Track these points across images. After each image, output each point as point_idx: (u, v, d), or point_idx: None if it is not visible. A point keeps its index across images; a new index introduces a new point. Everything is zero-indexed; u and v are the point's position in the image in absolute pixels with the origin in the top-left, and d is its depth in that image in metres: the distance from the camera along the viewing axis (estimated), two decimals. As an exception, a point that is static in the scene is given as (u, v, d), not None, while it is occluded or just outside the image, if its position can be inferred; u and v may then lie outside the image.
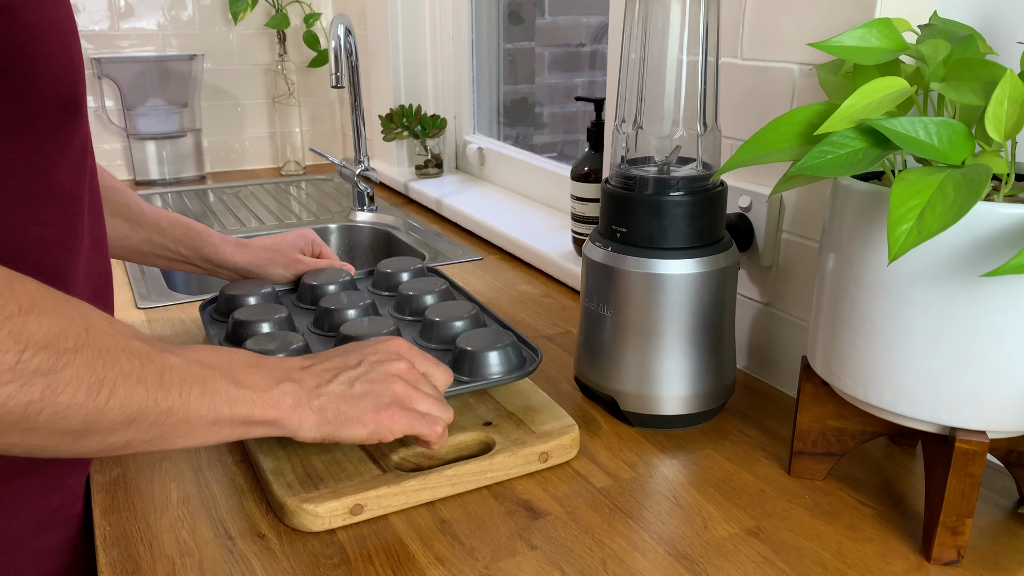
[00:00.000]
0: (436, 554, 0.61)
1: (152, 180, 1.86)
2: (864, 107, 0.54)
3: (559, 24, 1.79)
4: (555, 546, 0.62)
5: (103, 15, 1.81)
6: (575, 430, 0.74)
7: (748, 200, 0.86)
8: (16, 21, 0.52)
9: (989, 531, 0.64)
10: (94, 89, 1.83)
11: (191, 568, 0.60)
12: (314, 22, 1.99)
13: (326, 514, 0.63)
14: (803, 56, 0.78)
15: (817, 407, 0.68)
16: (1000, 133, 0.52)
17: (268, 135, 2.06)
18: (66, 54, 0.57)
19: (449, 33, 1.74)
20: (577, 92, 1.84)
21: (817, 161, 0.54)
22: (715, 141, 0.77)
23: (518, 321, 1.06)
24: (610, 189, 0.77)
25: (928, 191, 0.49)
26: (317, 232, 1.55)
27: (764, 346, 0.89)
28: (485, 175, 1.71)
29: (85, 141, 0.63)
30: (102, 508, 0.66)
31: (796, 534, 0.63)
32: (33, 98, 0.55)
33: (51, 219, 0.59)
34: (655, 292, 0.74)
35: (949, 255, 0.53)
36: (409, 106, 1.72)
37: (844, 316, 0.61)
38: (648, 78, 0.76)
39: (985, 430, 0.57)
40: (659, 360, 0.76)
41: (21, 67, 0.53)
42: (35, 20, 0.53)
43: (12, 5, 0.51)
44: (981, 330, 0.54)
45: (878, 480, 0.71)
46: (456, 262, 1.31)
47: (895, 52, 0.58)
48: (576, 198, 1.19)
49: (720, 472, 0.72)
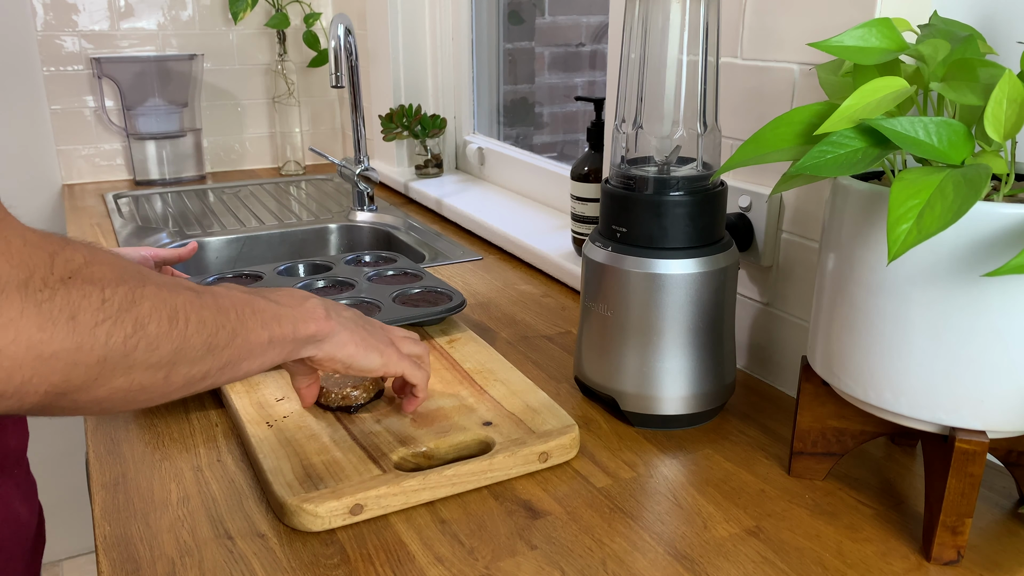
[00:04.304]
0: (436, 554, 0.61)
1: (152, 180, 1.86)
2: (864, 107, 0.54)
3: (559, 24, 1.79)
4: (555, 546, 0.62)
5: (103, 15, 1.81)
6: (575, 430, 0.74)
7: (748, 200, 0.86)
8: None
9: (989, 531, 0.64)
10: (94, 89, 1.83)
11: (191, 568, 0.60)
12: (314, 22, 1.99)
13: (326, 514, 0.63)
14: (803, 56, 0.78)
15: (817, 407, 0.68)
16: (999, 133, 0.52)
17: (268, 135, 2.05)
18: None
19: (449, 33, 1.74)
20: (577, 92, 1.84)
21: (817, 161, 0.54)
22: (715, 141, 0.77)
23: (518, 321, 1.06)
24: (610, 189, 0.77)
25: (928, 191, 0.49)
26: (317, 232, 1.55)
27: (764, 346, 0.89)
28: (485, 175, 1.71)
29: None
30: (102, 508, 0.66)
31: (796, 534, 0.63)
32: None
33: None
34: (655, 292, 0.74)
35: (949, 255, 0.53)
36: (409, 106, 1.72)
37: (844, 316, 0.61)
38: (648, 78, 0.76)
39: (985, 430, 0.57)
40: (659, 360, 0.76)
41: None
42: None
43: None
44: (981, 330, 0.54)
45: (878, 480, 0.71)
46: (456, 262, 1.31)
47: (895, 52, 0.58)
48: (576, 198, 1.19)
49: (720, 472, 0.72)
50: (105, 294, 0.44)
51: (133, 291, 0.45)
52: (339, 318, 0.64)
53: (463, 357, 0.88)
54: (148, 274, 0.48)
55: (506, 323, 1.05)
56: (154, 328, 0.46)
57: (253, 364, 0.56)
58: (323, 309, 0.62)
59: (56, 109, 1.82)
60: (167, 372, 0.48)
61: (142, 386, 0.47)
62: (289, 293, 0.62)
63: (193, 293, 0.50)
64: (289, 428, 0.74)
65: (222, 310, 0.52)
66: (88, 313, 0.42)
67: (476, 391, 0.80)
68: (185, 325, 0.48)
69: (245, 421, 0.75)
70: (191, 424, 0.79)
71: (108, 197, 1.72)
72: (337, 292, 1.02)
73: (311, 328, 0.60)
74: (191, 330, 0.49)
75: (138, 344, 0.45)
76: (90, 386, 0.44)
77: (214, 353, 0.51)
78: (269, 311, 0.57)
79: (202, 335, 0.50)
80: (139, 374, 0.46)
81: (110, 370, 0.44)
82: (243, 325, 0.54)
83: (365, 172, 1.56)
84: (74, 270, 0.43)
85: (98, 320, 0.43)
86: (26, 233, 0.42)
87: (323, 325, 0.62)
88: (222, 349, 0.52)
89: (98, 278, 0.44)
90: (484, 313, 1.09)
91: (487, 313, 1.09)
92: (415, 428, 0.74)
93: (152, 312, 0.46)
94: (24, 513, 0.69)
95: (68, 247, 0.44)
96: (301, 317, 0.60)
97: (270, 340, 0.56)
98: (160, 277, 0.49)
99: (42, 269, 0.41)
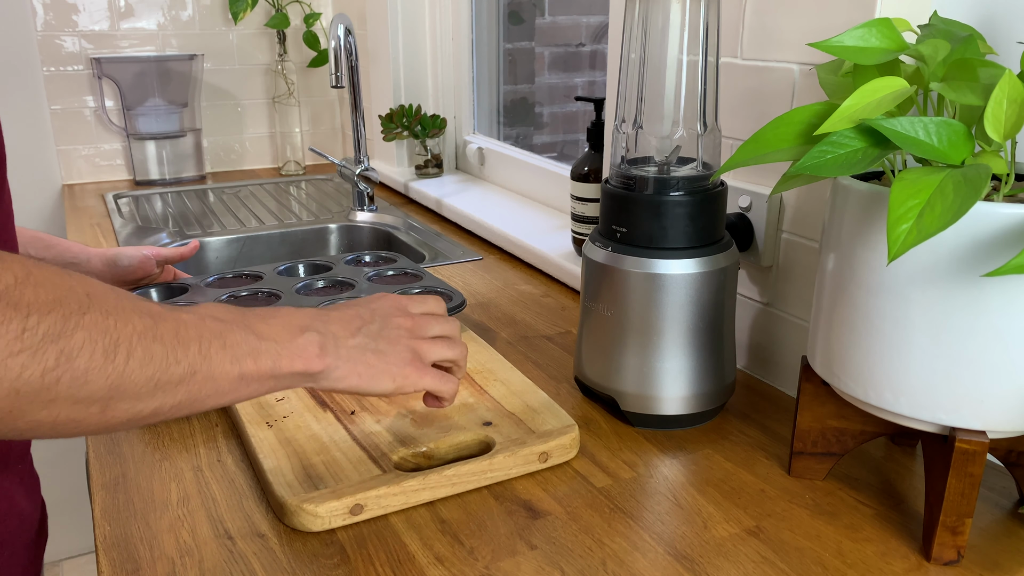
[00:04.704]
0: (436, 554, 0.61)
1: (152, 180, 1.86)
2: (864, 107, 0.54)
3: (559, 24, 1.79)
4: (555, 546, 0.62)
5: (103, 15, 1.81)
6: (575, 430, 0.74)
7: (748, 200, 0.86)
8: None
9: (989, 531, 0.64)
10: (94, 89, 1.83)
11: (191, 568, 0.60)
12: (314, 22, 1.99)
13: (326, 514, 0.63)
14: (803, 56, 0.78)
15: (817, 407, 0.68)
16: (999, 133, 0.52)
17: (268, 135, 2.06)
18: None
19: (449, 33, 1.74)
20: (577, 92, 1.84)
21: (817, 161, 0.54)
22: (715, 141, 0.77)
23: (518, 321, 1.06)
24: (610, 189, 0.77)
25: (928, 191, 0.49)
26: (317, 232, 1.55)
27: (764, 346, 0.89)
28: (485, 175, 1.71)
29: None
30: (102, 508, 0.66)
31: (796, 534, 0.63)
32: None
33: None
34: (655, 292, 0.74)
35: (949, 255, 0.53)
36: (409, 106, 1.72)
37: (844, 316, 0.61)
38: (648, 78, 0.76)
39: (985, 430, 0.57)
40: (659, 360, 0.76)
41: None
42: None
43: None
44: (981, 330, 0.54)
45: (878, 480, 0.71)
46: (456, 262, 1.31)
47: (895, 52, 0.58)
48: (576, 198, 1.19)
49: (720, 472, 0.72)
50: (28, 322, 0.40)
51: (66, 320, 0.41)
52: (337, 353, 0.57)
53: (463, 357, 0.88)
54: (99, 298, 0.44)
55: (506, 323, 1.05)
56: (83, 362, 0.42)
57: (222, 399, 0.51)
58: (317, 345, 0.55)
59: (56, 109, 1.82)
60: (102, 407, 0.44)
61: (71, 419, 0.43)
62: (284, 322, 0.55)
63: (150, 321, 0.46)
64: (289, 428, 0.74)
65: (182, 342, 0.47)
66: (2, 342, 0.39)
67: (476, 391, 0.80)
68: (126, 359, 0.44)
69: (245, 421, 0.75)
70: (191, 424, 0.79)
71: (108, 197, 1.72)
72: (337, 292, 1.02)
73: (297, 366, 0.54)
74: (133, 365, 0.44)
75: (60, 378, 0.41)
76: (6, 416, 0.41)
77: (164, 390, 0.46)
78: (245, 345, 0.51)
79: (147, 370, 0.45)
80: (64, 408, 0.42)
81: (26, 403, 0.41)
82: (206, 360, 0.48)
83: (365, 172, 1.56)
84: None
85: (13, 351, 0.39)
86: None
87: (314, 363, 0.55)
88: (175, 385, 0.47)
89: (25, 303, 0.40)
90: (484, 313, 1.09)
91: (487, 313, 1.09)
92: (415, 428, 0.74)
93: (84, 344, 0.42)
94: (27, 508, 0.69)
95: (1, 263, 0.40)
96: (287, 353, 0.53)
97: (240, 376, 0.50)
98: (116, 300, 0.45)
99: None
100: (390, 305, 0.64)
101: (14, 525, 0.67)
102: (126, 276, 0.97)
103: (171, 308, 0.49)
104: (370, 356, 0.59)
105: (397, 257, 1.15)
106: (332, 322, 0.59)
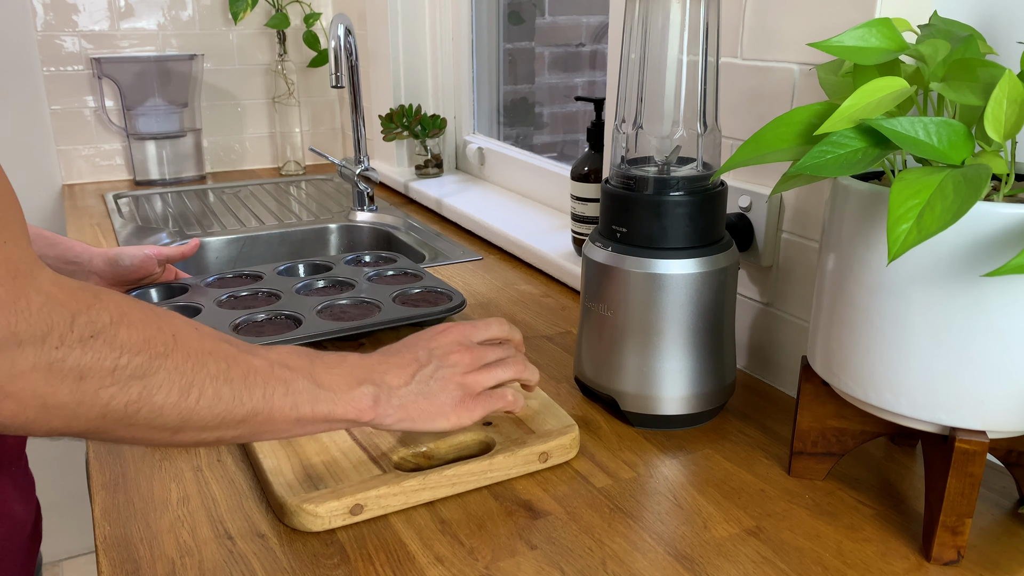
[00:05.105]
0: (436, 554, 0.61)
1: (152, 180, 1.86)
2: (864, 107, 0.54)
3: (559, 24, 1.79)
4: (555, 546, 0.62)
5: (103, 15, 1.81)
6: (575, 430, 0.74)
7: (748, 200, 0.86)
8: None
9: (989, 531, 0.64)
10: (94, 89, 1.83)
11: (191, 568, 0.60)
12: (314, 22, 1.99)
13: (326, 514, 0.63)
14: (803, 56, 0.78)
15: (817, 407, 0.68)
16: (999, 133, 0.52)
17: (268, 135, 2.06)
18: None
19: (449, 33, 1.74)
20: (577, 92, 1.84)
21: (817, 161, 0.54)
22: (715, 141, 0.77)
23: (518, 321, 1.06)
24: (610, 189, 0.77)
25: (928, 191, 0.49)
26: (317, 232, 1.55)
27: (764, 346, 0.89)
28: (485, 175, 1.71)
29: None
30: (102, 508, 0.66)
31: (796, 534, 0.63)
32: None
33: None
34: (655, 292, 0.74)
35: (949, 255, 0.53)
36: (409, 106, 1.72)
37: (844, 316, 0.61)
38: (648, 78, 0.76)
39: (985, 430, 0.57)
40: (659, 360, 0.76)
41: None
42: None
43: None
44: (981, 330, 0.54)
45: (878, 480, 0.71)
46: (456, 262, 1.31)
47: (895, 52, 0.58)
48: (576, 198, 1.19)
49: (720, 472, 0.72)
50: (120, 361, 0.45)
51: (151, 361, 0.47)
52: (389, 403, 0.61)
53: (463, 357, 0.88)
54: (183, 340, 0.49)
55: (506, 323, 1.05)
56: (161, 398, 0.47)
57: (280, 435, 0.57)
58: (371, 398, 0.60)
59: (56, 109, 1.82)
60: (173, 433, 0.50)
61: (146, 438, 0.49)
62: (347, 372, 0.60)
63: (224, 365, 0.51)
64: (289, 428, 0.74)
65: (248, 387, 0.53)
66: (96, 377, 0.44)
67: (476, 391, 0.80)
68: (197, 399, 0.49)
69: (245, 421, 0.75)
70: (191, 424, 0.79)
71: (108, 197, 1.72)
72: (337, 292, 1.02)
73: (350, 413, 0.59)
74: (203, 404, 0.50)
75: (140, 409, 0.47)
76: (91, 433, 0.47)
77: (227, 425, 0.52)
78: (306, 393, 0.56)
79: (215, 409, 0.50)
80: (141, 431, 0.48)
81: (111, 425, 0.46)
82: (268, 404, 0.54)
83: (365, 172, 1.56)
84: (97, 331, 0.44)
85: (104, 384, 0.45)
86: (52, 289, 0.43)
87: (365, 414, 0.60)
88: (237, 423, 0.52)
89: (119, 343, 0.45)
90: (484, 313, 1.09)
91: (487, 313, 1.09)
92: (415, 428, 0.74)
93: (163, 383, 0.47)
94: (20, 512, 0.69)
95: (96, 306, 0.45)
96: (342, 401, 0.58)
97: (297, 419, 0.56)
98: (199, 342, 0.51)
99: (60, 328, 0.43)
100: (451, 340, 0.67)
101: (6, 529, 0.67)
102: (128, 276, 0.97)
103: (247, 351, 0.55)
104: (421, 401, 0.63)
105: (397, 257, 1.15)
106: (390, 371, 0.63)
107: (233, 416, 0.52)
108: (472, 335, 0.69)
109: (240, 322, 0.91)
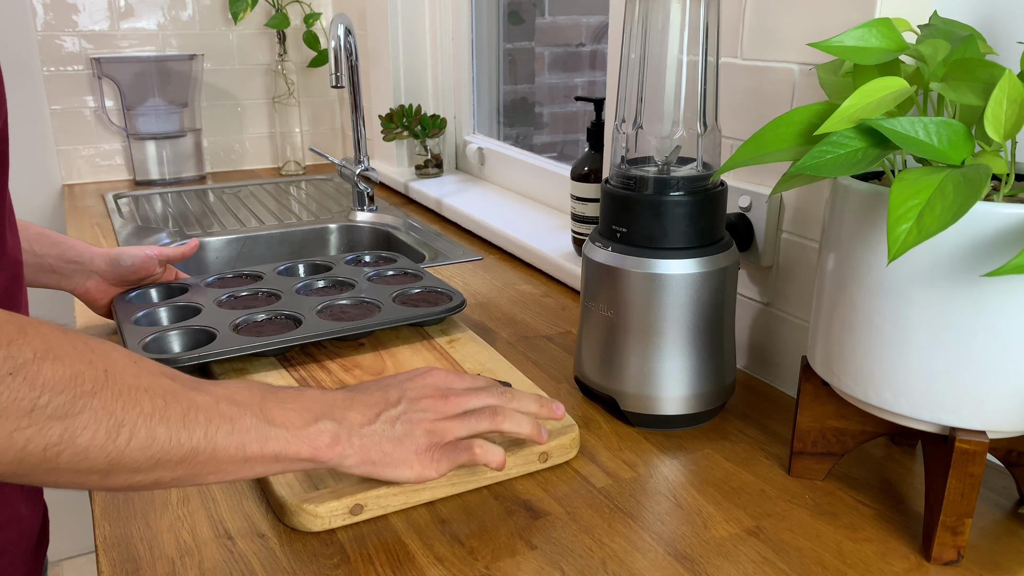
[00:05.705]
0: (436, 554, 0.61)
1: (152, 180, 1.86)
2: (864, 107, 0.54)
3: (559, 24, 1.79)
4: (555, 546, 0.62)
5: (103, 15, 1.81)
6: (575, 430, 0.74)
7: (748, 200, 0.86)
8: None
9: (989, 531, 0.64)
10: (94, 89, 1.83)
11: (191, 568, 0.60)
12: (314, 22, 1.99)
13: (326, 514, 0.63)
14: (803, 56, 0.78)
15: (817, 407, 0.68)
16: (999, 133, 0.52)
17: (268, 135, 2.06)
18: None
19: (449, 33, 1.74)
20: (577, 92, 1.84)
21: (817, 161, 0.54)
22: (715, 141, 0.77)
23: (518, 321, 1.06)
24: (610, 189, 0.77)
25: (928, 191, 0.49)
26: (317, 232, 1.55)
27: (764, 346, 0.89)
28: (485, 175, 1.71)
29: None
30: (102, 508, 0.66)
31: (796, 534, 0.63)
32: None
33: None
34: (655, 292, 0.74)
35: (949, 255, 0.53)
36: (409, 106, 1.72)
37: (844, 316, 0.61)
38: (648, 78, 0.76)
39: (985, 430, 0.57)
40: (659, 360, 0.76)
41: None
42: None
43: None
44: (981, 330, 0.54)
45: (878, 480, 0.71)
46: (456, 262, 1.31)
47: (895, 52, 0.58)
48: (576, 198, 1.19)
49: (720, 472, 0.72)
50: (40, 400, 0.42)
51: (76, 400, 0.43)
52: (349, 442, 0.57)
53: (463, 357, 0.88)
54: (116, 376, 0.46)
55: (506, 323, 1.05)
56: (85, 440, 0.44)
57: (225, 477, 0.52)
58: (330, 435, 0.56)
59: (56, 109, 1.82)
60: (101, 477, 0.46)
61: (73, 483, 0.46)
62: (303, 407, 0.56)
63: (160, 403, 0.48)
64: (289, 428, 0.74)
65: (188, 425, 0.49)
66: (11, 418, 0.41)
67: (476, 391, 0.80)
68: (128, 440, 0.46)
69: (245, 421, 0.75)
70: (191, 424, 0.79)
71: (108, 197, 1.72)
72: (337, 292, 1.02)
73: (304, 452, 0.55)
74: (135, 444, 0.46)
75: (61, 453, 0.43)
76: (9, 477, 0.43)
77: (164, 467, 0.48)
78: (255, 431, 0.52)
79: (149, 451, 0.47)
80: (65, 475, 0.45)
81: (29, 470, 0.43)
82: (210, 443, 0.50)
83: (365, 172, 1.56)
84: (17, 367, 0.41)
85: (20, 426, 0.41)
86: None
87: (322, 453, 0.56)
88: (175, 464, 0.48)
89: (41, 381, 0.42)
90: (484, 313, 1.09)
91: (487, 313, 1.09)
92: (415, 428, 0.74)
93: (89, 424, 0.44)
94: (28, 515, 0.69)
95: (19, 340, 0.42)
96: (296, 440, 0.55)
97: (245, 459, 0.52)
98: (134, 379, 0.47)
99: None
100: (428, 383, 0.64)
101: (13, 533, 0.67)
102: (128, 276, 0.97)
103: (190, 386, 0.51)
104: (384, 443, 0.60)
105: (397, 257, 1.15)
106: (353, 407, 0.59)
107: (170, 458, 0.48)
108: (455, 382, 0.66)
109: (240, 322, 0.91)
